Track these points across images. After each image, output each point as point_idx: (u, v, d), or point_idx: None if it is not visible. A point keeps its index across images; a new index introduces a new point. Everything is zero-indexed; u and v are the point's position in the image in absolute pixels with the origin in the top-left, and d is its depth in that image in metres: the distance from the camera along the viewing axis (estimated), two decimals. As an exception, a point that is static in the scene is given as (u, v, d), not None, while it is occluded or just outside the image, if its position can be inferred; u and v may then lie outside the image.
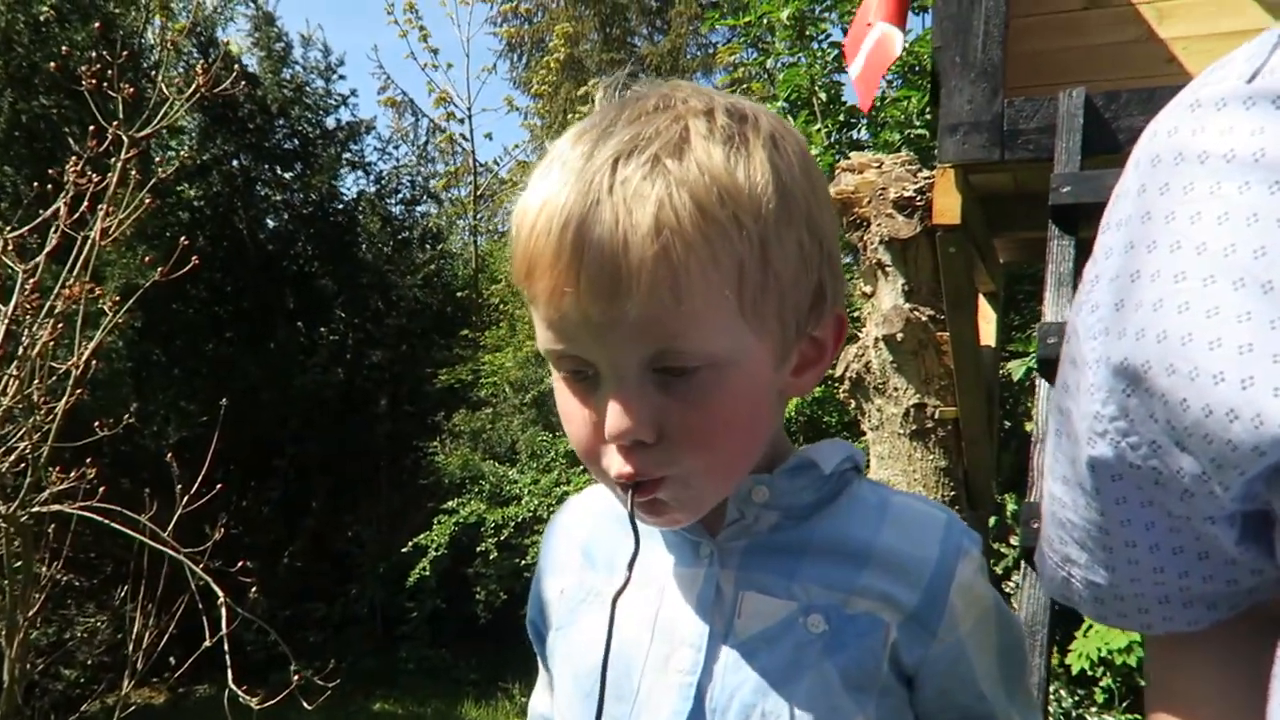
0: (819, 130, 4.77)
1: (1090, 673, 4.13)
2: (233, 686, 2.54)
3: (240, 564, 3.15)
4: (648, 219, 0.57)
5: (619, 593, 0.68)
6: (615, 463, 0.65)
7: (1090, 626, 4.10)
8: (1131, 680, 4.15)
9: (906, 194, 2.82)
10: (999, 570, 4.39)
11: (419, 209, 9.81)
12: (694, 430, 0.63)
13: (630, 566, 0.67)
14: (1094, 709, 4.30)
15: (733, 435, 0.66)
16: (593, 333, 0.61)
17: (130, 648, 3.10)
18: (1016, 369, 4.21)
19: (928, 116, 4.55)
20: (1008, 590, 4.49)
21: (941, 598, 0.70)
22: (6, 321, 2.80)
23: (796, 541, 0.72)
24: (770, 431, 0.71)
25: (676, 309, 0.59)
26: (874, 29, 2.63)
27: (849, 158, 3.10)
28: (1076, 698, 4.36)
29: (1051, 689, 4.36)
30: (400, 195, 9.60)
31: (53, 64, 5.11)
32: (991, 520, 3.98)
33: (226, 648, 2.61)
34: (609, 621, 0.67)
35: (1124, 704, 4.21)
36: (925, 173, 2.86)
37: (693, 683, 0.69)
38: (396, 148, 10.19)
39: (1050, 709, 4.29)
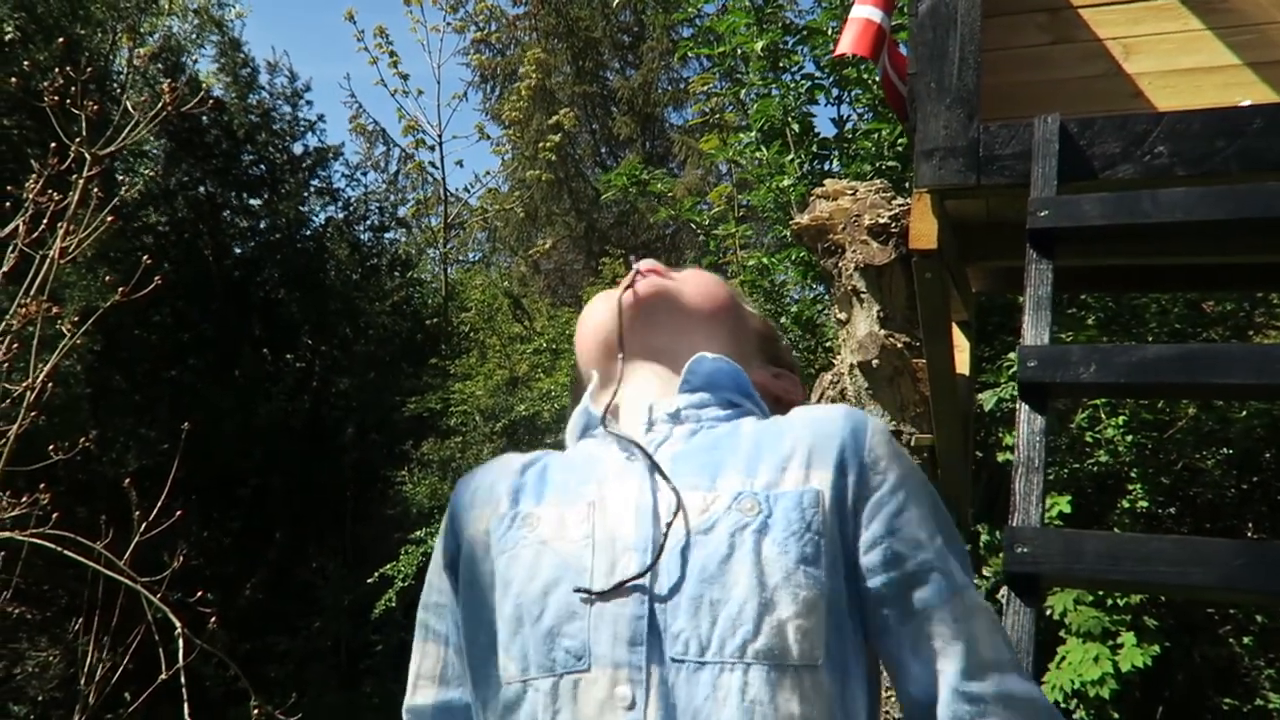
0: (792, 161, 4.79)
1: (1063, 704, 4.11)
2: (189, 722, 2.44)
3: (200, 595, 3.04)
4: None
5: (591, 517, 0.76)
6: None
7: (1063, 658, 4.09)
8: (1104, 713, 4.13)
9: (881, 220, 2.82)
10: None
11: (388, 235, 9.76)
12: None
13: (602, 494, 0.78)
14: (1067, 741, 4.28)
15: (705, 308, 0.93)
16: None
17: (83, 682, 2.97)
18: (988, 399, 4.23)
19: (899, 148, 4.59)
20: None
21: (858, 445, 0.75)
22: (-41, 342, 2.70)
23: (717, 442, 0.79)
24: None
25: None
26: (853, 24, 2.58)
27: (824, 185, 3.10)
28: (1049, 730, 4.34)
29: (1024, 721, 4.33)
30: (369, 222, 9.56)
31: (14, 79, 5.03)
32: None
33: (184, 681, 2.51)
34: (581, 543, 0.74)
35: (1097, 736, 4.19)
36: (900, 200, 2.86)
37: (643, 584, 0.71)
38: (365, 174, 10.15)
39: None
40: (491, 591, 0.77)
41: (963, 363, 3.27)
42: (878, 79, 3.17)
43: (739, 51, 4.88)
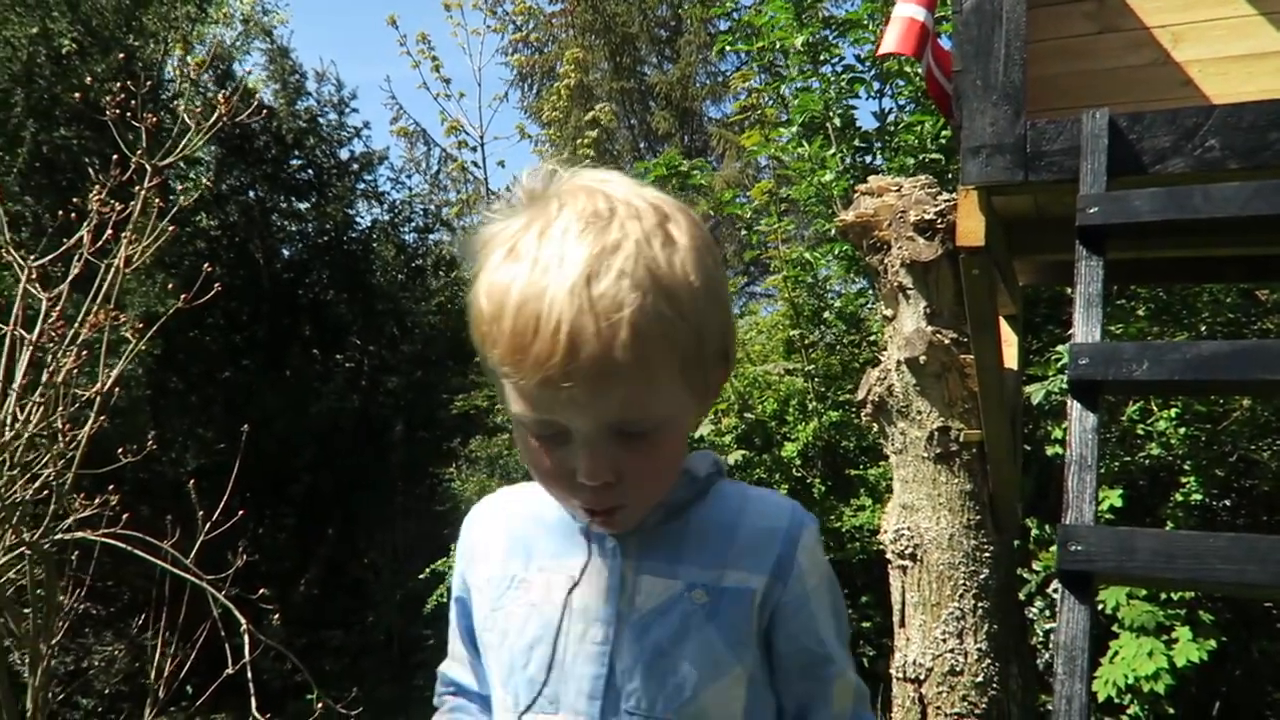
0: (834, 155, 4.78)
1: (1117, 700, 4.06)
2: (256, 715, 2.53)
3: (260, 592, 3.13)
4: (625, 332, 0.73)
5: (571, 589, 0.90)
6: (583, 497, 0.83)
7: (1116, 653, 4.04)
8: (1159, 708, 4.08)
9: (927, 217, 2.82)
10: (1021, 596, 4.33)
11: (432, 236, 9.87)
12: (644, 473, 0.83)
13: (583, 572, 0.90)
14: (1121, 737, 4.23)
15: (671, 472, 0.88)
16: (575, 409, 0.77)
17: (151, 676, 3.08)
18: (1036, 392, 4.18)
19: (942, 141, 4.55)
20: (1030, 615, 4.44)
21: (790, 557, 0.90)
22: (31, 349, 2.81)
23: (678, 532, 0.90)
24: None
25: (645, 389, 0.77)
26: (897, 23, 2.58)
27: (865, 182, 3.10)
28: (1103, 725, 4.29)
29: (1077, 716, 4.29)
30: (414, 224, 9.67)
31: (76, 94, 5.18)
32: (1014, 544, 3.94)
33: (250, 675, 2.60)
34: (560, 610, 0.89)
35: (1152, 732, 4.14)
36: (945, 195, 2.85)
37: (605, 651, 0.88)
38: (409, 177, 10.26)
39: (1076, 737, 4.22)
40: (489, 631, 0.96)
41: (1010, 357, 3.25)
42: (920, 73, 3.15)
43: (778, 46, 4.87)
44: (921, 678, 2.82)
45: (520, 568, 0.94)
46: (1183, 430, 4.24)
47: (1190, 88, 2.54)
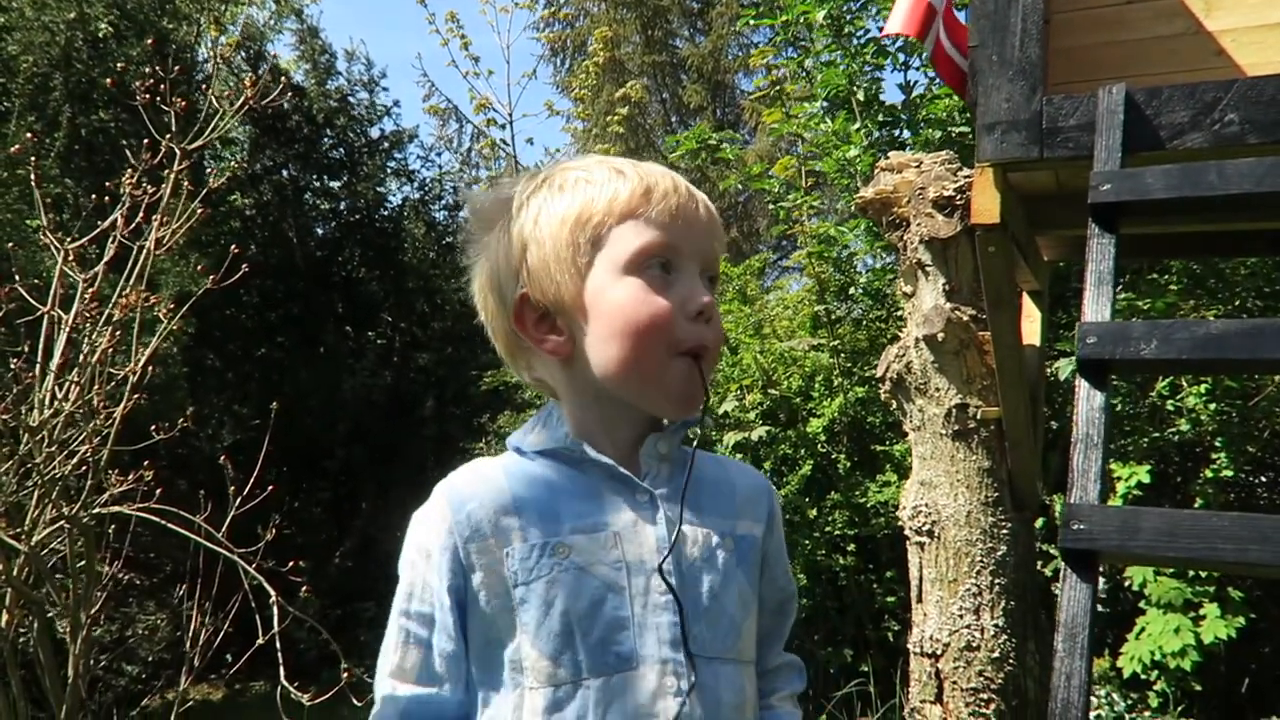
0: (858, 130, 4.73)
1: (1143, 676, 4.05)
2: (285, 683, 2.61)
3: (292, 564, 3.22)
4: (709, 202, 0.99)
5: (620, 546, 0.92)
6: (691, 333, 0.92)
7: (1142, 629, 4.03)
8: (1186, 684, 4.06)
9: (946, 193, 2.80)
10: (1048, 573, 4.32)
11: (462, 214, 9.93)
12: (717, 321, 0.95)
13: (628, 528, 0.93)
14: (1148, 713, 4.22)
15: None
16: (691, 232, 0.94)
17: (188, 645, 3.19)
18: (1064, 368, 4.15)
19: (969, 114, 4.49)
20: (1056, 591, 4.42)
21: (774, 510, 1.05)
22: (68, 329, 2.90)
23: (694, 487, 0.96)
24: None
25: (721, 241, 0.99)
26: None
27: (888, 157, 3.08)
28: (1129, 701, 4.28)
29: (1103, 692, 4.28)
30: (443, 201, 9.74)
31: (109, 79, 5.26)
32: (1039, 522, 3.92)
33: (279, 646, 2.68)
34: (619, 567, 0.91)
35: (1178, 709, 4.12)
36: (965, 171, 2.83)
37: (672, 600, 0.91)
38: (439, 154, 10.31)
39: (1101, 713, 4.21)
40: (508, 613, 0.91)
41: (1033, 333, 3.23)
42: (925, 55, 3.10)
43: (802, 19, 4.82)
44: (938, 653, 2.84)
45: (548, 533, 0.91)
46: (1213, 406, 4.19)
47: (1223, 58, 2.48)
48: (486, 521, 0.93)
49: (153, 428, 3.04)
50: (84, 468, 2.82)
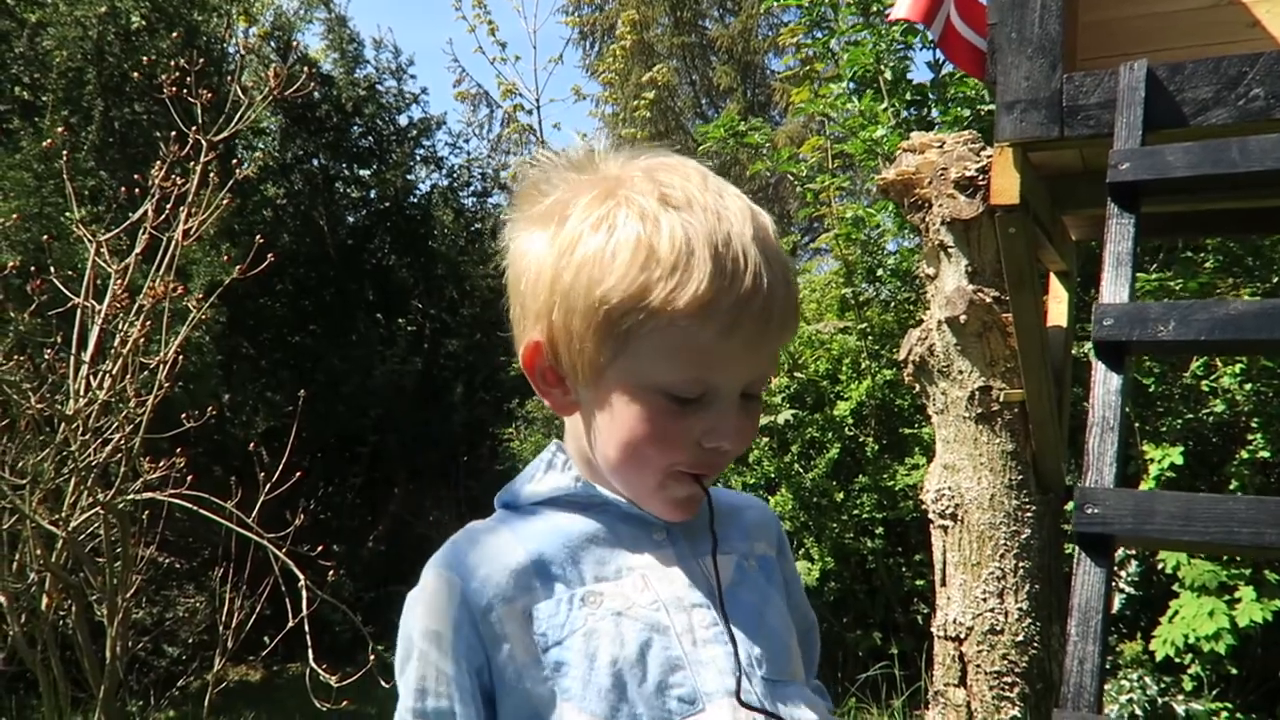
0: (885, 110, 4.68)
1: (1177, 659, 4.00)
2: (313, 665, 2.66)
3: (323, 548, 3.28)
4: (793, 283, 0.80)
5: (653, 586, 0.84)
6: (701, 460, 0.82)
7: (1175, 613, 3.98)
8: (1221, 668, 4.01)
9: (968, 174, 2.77)
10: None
11: (490, 201, 9.97)
12: (746, 436, 0.83)
13: (656, 567, 0.85)
14: (1181, 696, 4.17)
15: None
16: (738, 362, 0.78)
17: (221, 627, 3.26)
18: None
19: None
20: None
21: (782, 535, 1.01)
22: (101, 320, 2.97)
23: (701, 517, 0.88)
24: None
25: (789, 335, 0.83)
26: None
27: (910, 138, 3.05)
28: (1163, 685, 4.23)
29: (1136, 676, 4.24)
30: (472, 188, 9.78)
31: (135, 74, 5.34)
32: (1070, 505, 3.87)
33: (307, 628, 2.73)
34: (658, 608, 0.82)
35: (1213, 692, 4.07)
36: (988, 151, 2.79)
37: (723, 629, 0.84)
38: (467, 141, 10.34)
39: (1134, 695, 4.17)
40: (544, 684, 0.79)
41: (1060, 314, 3.19)
42: (932, 40, 3.06)
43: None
44: (962, 636, 2.83)
45: (573, 585, 0.83)
46: (1249, 386, 4.11)
47: (1257, 29, 2.43)
48: (505, 585, 0.81)
49: (183, 415, 3.10)
50: (118, 455, 2.89)
